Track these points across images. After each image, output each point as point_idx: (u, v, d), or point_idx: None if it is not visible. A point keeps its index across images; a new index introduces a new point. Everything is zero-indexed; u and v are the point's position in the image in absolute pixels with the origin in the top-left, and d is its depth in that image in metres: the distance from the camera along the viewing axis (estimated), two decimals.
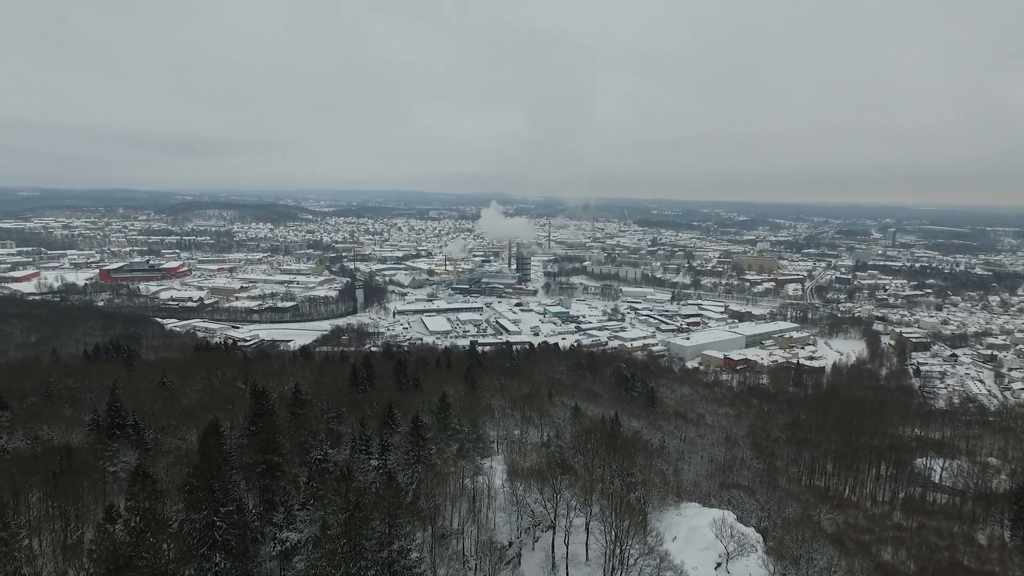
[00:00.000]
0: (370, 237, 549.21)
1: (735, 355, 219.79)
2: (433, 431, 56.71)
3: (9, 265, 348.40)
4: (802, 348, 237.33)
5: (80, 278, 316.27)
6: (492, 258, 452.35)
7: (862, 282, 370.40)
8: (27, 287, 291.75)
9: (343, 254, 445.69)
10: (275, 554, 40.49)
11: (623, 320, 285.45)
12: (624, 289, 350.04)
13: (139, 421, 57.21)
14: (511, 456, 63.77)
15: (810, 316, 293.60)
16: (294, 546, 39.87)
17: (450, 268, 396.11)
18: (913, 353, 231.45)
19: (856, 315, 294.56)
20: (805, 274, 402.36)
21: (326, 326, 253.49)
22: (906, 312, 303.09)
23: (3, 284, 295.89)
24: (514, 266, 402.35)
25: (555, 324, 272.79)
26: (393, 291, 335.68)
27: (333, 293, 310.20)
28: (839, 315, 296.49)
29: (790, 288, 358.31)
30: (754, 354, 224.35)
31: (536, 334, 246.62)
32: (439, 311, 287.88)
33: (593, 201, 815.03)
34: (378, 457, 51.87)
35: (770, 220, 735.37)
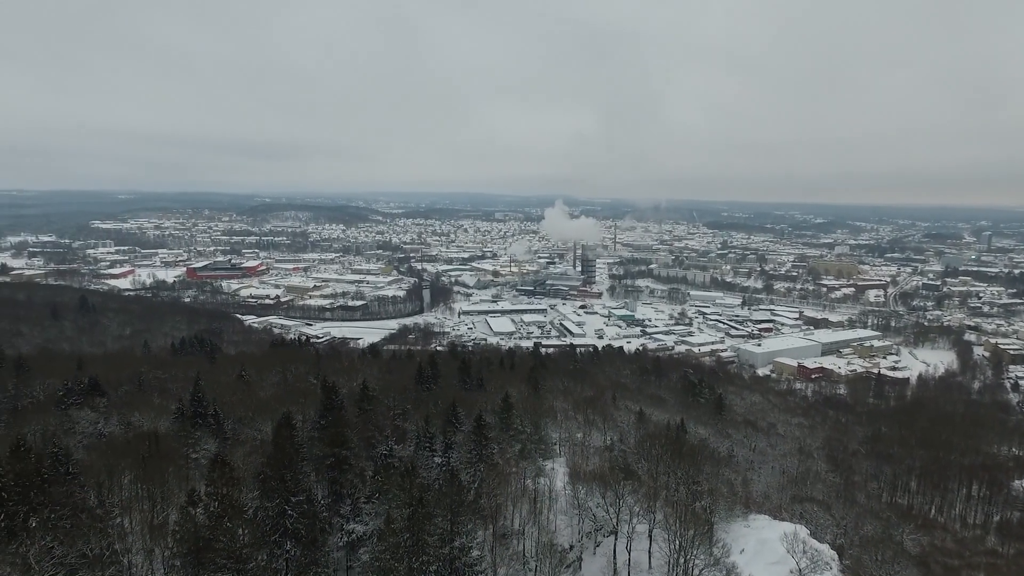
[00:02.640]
0: (437, 238, 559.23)
1: (810, 363, 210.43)
2: (496, 431, 57.04)
3: (108, 263, 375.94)
4: (884, 357, 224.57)
5: (169, 276, 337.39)
6: (557, 260, 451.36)
7: (952, 289, 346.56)
8: (123, 283, 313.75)
9: (411, 255, 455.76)
10: (342, 545, 41.70)
11: (690, 324, 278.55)
12: (692, 293, 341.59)
13: (219, 411, 60.39)
14: (573, 459, 63.34)
15: (893, 324, 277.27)
16: (360, 538, 40.94)
17: (515, 269, 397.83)
18: (1011, 366, 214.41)
19: (945, 324, 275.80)
20: (888, 280, 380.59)
21: (394, 325, 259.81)
22: (1003, 322, 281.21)
23: (103, 280, 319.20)
24: (579, 268, 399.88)
25: (620, 327, 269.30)
26: (458, 292, 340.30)
27: (401, 293, 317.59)
28: (926, 323, 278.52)
29: (871, 294, 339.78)
30: (831, 363, 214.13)
31: (600, 337, 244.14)
32: (503, 312, 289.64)
33: (663, 203, 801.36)
34: (441, 454, 52.64)
35: (850, 223, 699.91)
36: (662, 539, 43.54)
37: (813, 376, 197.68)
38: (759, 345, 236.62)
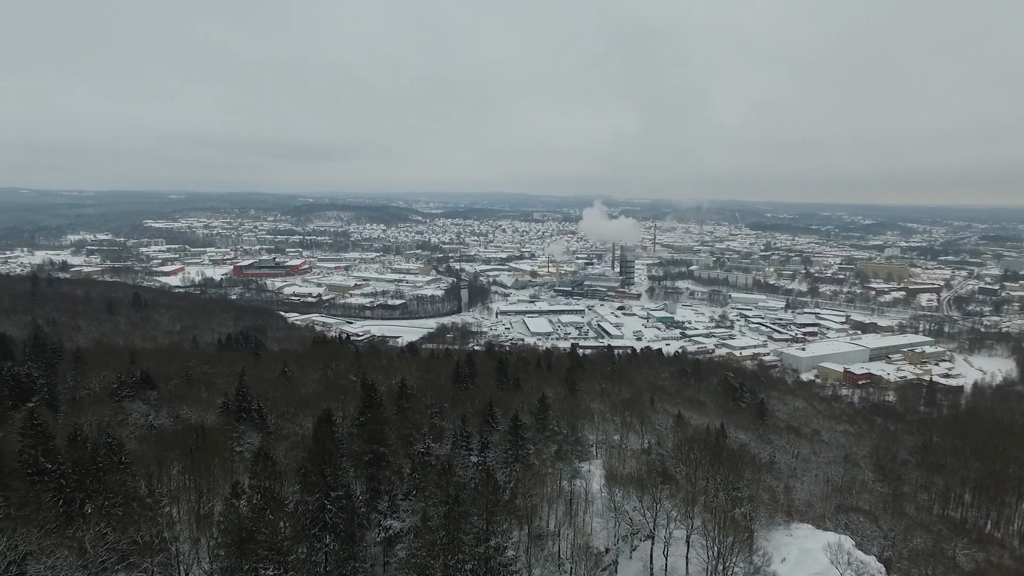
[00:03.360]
0: (475, 238, 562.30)
1: (857, 369, 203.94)
2: (532, 431, 57.00)
3: (160, 260, 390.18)
4: (936, 364, 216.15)
5: (217, 273, 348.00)
6: (595, 260, 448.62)
7: (1012, 293, 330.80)
8: (174, 281, 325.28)
9: (449, 255, 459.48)
10: (379, 540, 42.34)
11: (732, 327, 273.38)
12: (733, 295, 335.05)
13: (262, 406, 62.02)
14: (610, 461, 62.84)
15: (946, 330, 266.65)
16: (397, 534, 41.50)
17: (552, 270, 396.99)
18: None
19: (1003, 330, 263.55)
20: (941, 283, 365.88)
21: (432, 324, 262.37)
22: None
23: (155, 277, 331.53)
24: (617, 269, 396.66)
25: (659, 329, 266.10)
26: (496, 291, 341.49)
27: (439, 292, 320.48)
28: (982, 329, 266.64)
29: (923, 298, 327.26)
30: (879, 369, 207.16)
31: (639, 339, 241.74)
32: (541, 313, 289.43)
33: (705, 204, 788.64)
34: (478, 454, 52.90)
35: (900, 224, 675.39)
36: (700, 545, 42.82)
37: (860, 382, 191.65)
38: (803, 349, 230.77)
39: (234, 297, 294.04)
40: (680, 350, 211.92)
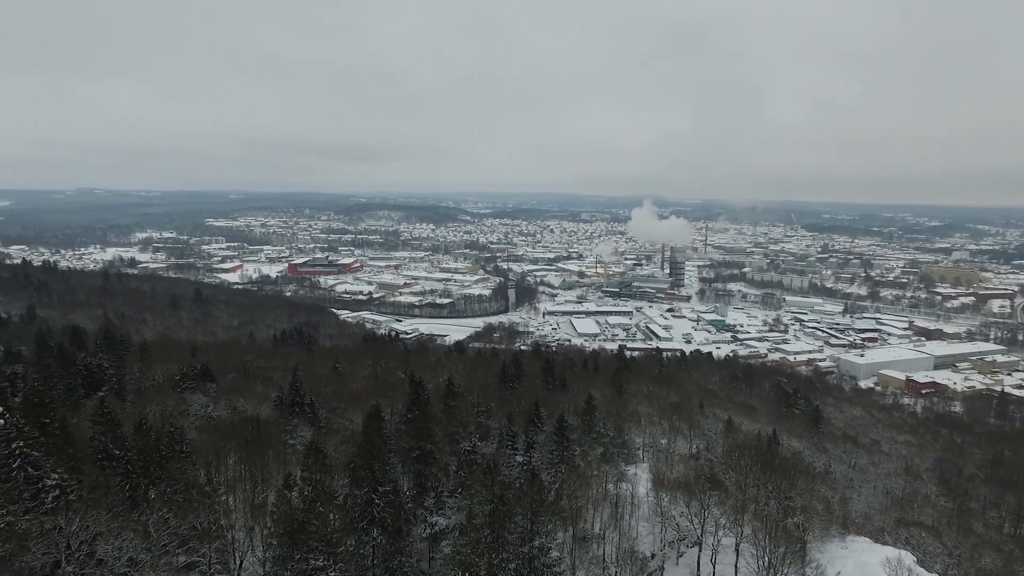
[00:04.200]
0: (523, 238, 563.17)
1: (920, 377, 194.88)
2: (578, 433, 56.73)
3: (220, 258, 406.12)
4: (1008, 374, 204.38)
5: (273, 271, 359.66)
6: (644, 261, 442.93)
7: None
8: (232, 277, 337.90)
9: (497, 254, 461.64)
10: (425, 536, 42.88)
11: (786, 331, 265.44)
12: (788, 298, 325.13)
13: (314, 401, 63.75)
14: (657, 465, 61.92)
15: (1021, 338, 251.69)
16: (442, 530, 41.94)
17: (600, 271, 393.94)
18: None
19: None
20: (1015, 289, 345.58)
21: (479, 323, 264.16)
22: None
23: (215, 274, 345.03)
24: (667, 270, 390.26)
25: (709, 332, 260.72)
26: (543, 292, 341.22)
27: (487, 292, 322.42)
28: None
29: (995, 304, 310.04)
30: (944, 377, 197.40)
31: (688, 342, 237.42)
32: (588, 313, 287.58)
33: (760, 205, 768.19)
34: (523, 453, 52.96)
35: (970, 226, 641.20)
36: (750, 554, 41.74)
37: (924, 391, 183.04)
38: (862, 355, 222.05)
39: (289, 294, 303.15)
40: (731, 354, 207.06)
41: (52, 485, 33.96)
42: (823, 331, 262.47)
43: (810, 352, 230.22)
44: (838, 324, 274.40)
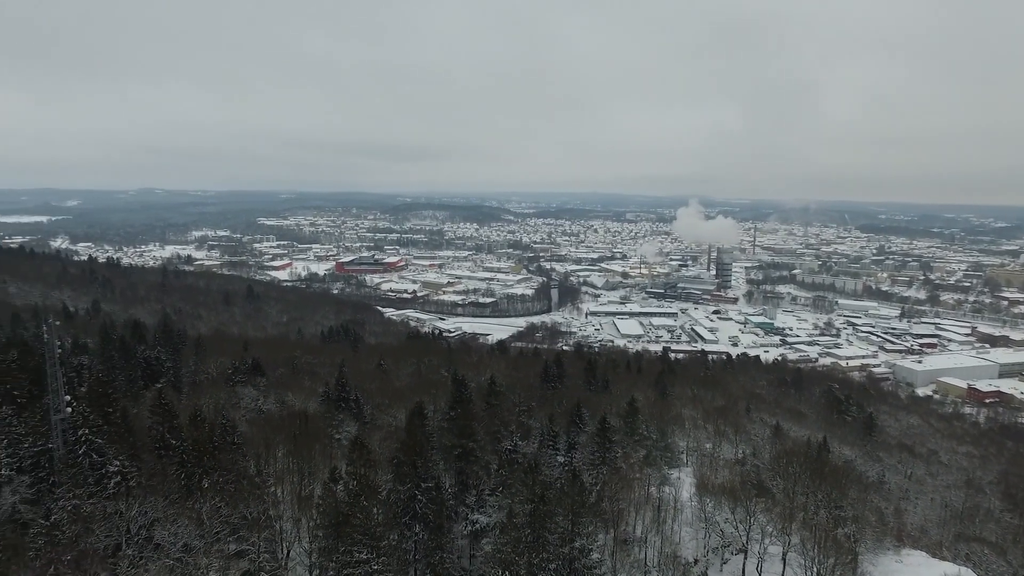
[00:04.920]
0: (566, 238, 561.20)
1: (983, 386, 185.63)
2: (620, 434, 56.23)
3: (270, 256, 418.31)
4: None
5: (321, 269, 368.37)
6: (690, 262, 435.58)
7: None
8: (282, 275, 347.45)
9: (540, 254, 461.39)
10: (466, 533, 43.22)
11: (838, 336, 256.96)
12: (840, 302, 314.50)
13: (360, 397, 65.04)
14: (701, 470, 60.85)
15: None
16: (483, 528, 42.20)
17: (644, 271, 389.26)
18: None
19: None
20: None
21: (521, 323, 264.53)
22: None
23: (266, 271, 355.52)
24: (713, 271, 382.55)
25: (756, 335, 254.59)
26: (586, 292, 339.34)
27: (529, 291, 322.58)
28: None
29: None
30: (1011, 387, 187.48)
31: (735, 344, 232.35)
32: (631, 314, 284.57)
33: (812, 205, 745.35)
34: (564, 454, 52.83)
35: None
36: (797, 564, 40.64)
37: (987, 400, 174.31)
38: (920, 362, 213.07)
39: (336, 292, 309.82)
40: (779, 358, 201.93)
41: (114, 472, 35.66)
42: (878, 336, 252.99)
43: (864, 357, 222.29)
44: (894, 329, 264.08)
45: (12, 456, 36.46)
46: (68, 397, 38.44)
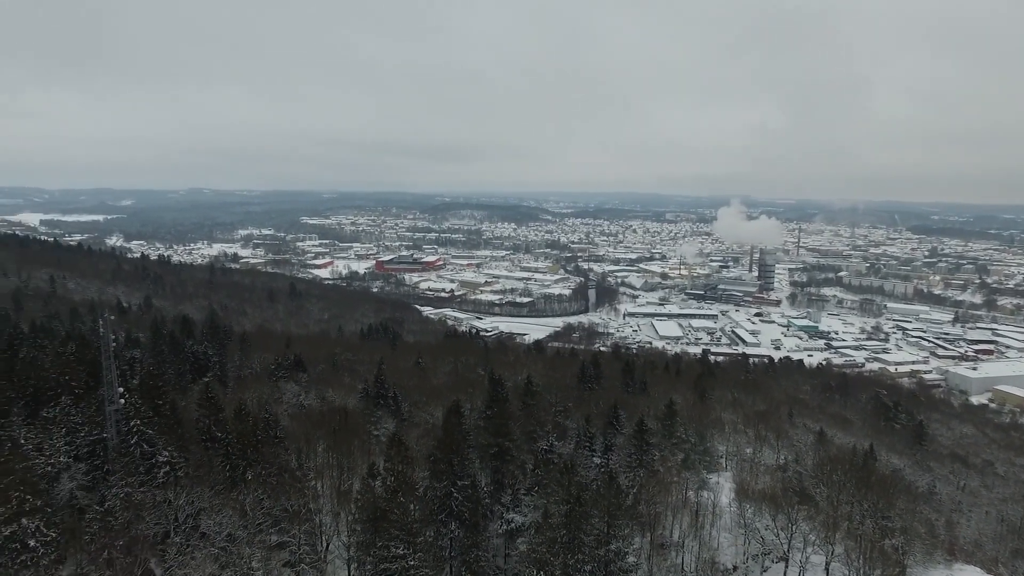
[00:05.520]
0: (604, 238, 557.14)
1: None
2: (658, 437, 55.61)
3: (312, 254, 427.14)
4: None
5: (361, 267, 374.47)
6: (731, 264, 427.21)
7: None
8: (324, 273, 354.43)
9: (578, 254, 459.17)
10: (501, 532, 43.35)
11: (886, 340, 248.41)
12: (889, 305, 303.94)
13: (398, 394, 65.90)
14: (741, 475, 59.73)
15: None
16: (518, 527, 42.26)
17: (684, 272, 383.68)
18: None
19: None
20: None
21: (558, 323, 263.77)
22: None
23: (308, 269, 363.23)
24: (755, 273, 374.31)
25: (800, 339, 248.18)
26: (624, 293, 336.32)
27: (567, 292, 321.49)
28: None
29: None
30: None
31: (777, 348, 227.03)
32: (670, 316, 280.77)
33: (861, 205, 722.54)
34: (601, 456, 52.50)
35: None
36: (841, 574, 39.48)
37: None
38: (975, 369, 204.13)
39: (375, 290, 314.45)
40: (824, 362, 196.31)
41: (163, 462, 36.96)
42: (929, 341, 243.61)
43: (914, 363, 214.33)
44: (947, 334, 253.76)
45: (70, 444, 38.17)
46: (121, 389, 40.01)
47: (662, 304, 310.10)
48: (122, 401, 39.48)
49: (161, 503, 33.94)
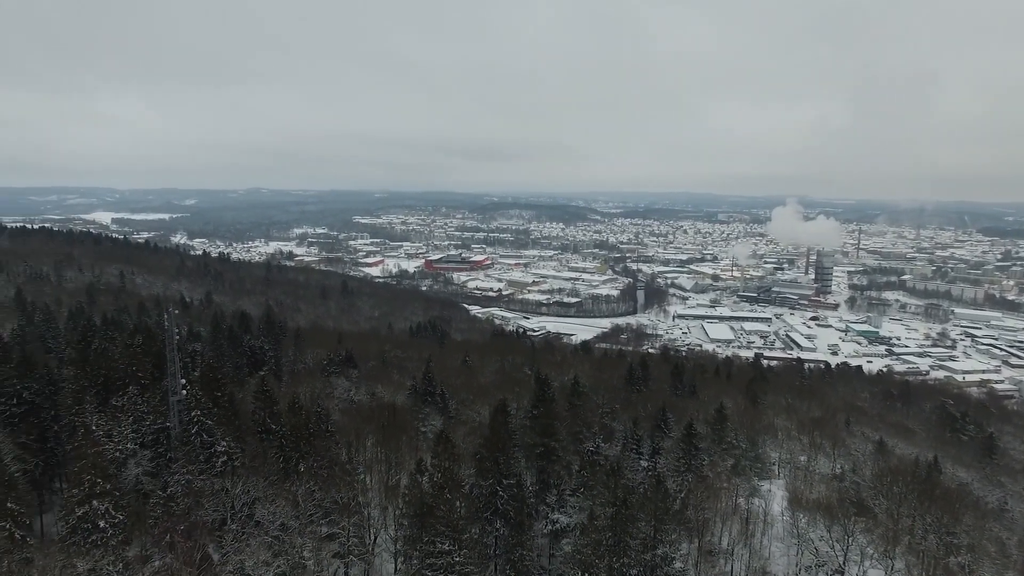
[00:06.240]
0: (654, 239, 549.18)
1: None
2: (707, 442, 54.48)
3: (364, 253, 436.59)
4: None
5: (411, 266, 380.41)
6: (785, 266, 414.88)
7: None
8: (374, 271, 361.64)
9: (627, 255, 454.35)
10: (546, 532, 43.27)
11: (953, 347, 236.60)
12: (957, 311, 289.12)
13: (445, 392, 66.62)
14: (794, 483, 57.91)
15: None
16: (563, 528, 42.09)
17: (737, 274, 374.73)
18: None
19: None
20: None
21: (606, 324, 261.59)
22: None
23: (359, 268, 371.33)
24: (811, 275, 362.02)
25: (859, 344, 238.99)
26: (674, 294, 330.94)
27: (615, 292, 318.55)
28: None
29: None
30: None
31: (834, 353, 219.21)
32: (722, 318, 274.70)
33: (928, 205, 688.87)
34: (648, 458, 51.80)
35: None
36: None
37: None
38: None
39: (424, 288, 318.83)
40: (884, 369, 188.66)
41: (221, 451, 38.39)
42: (1001, 349, 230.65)
43: (984, 372, 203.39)
44: (1021, 342, 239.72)
45: (136, 432, 40.14)
46: (183, 380, 41.82)
47: (713, 306, 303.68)
48: (184, 392, 41.26)
49: (219, 491, 35.30)
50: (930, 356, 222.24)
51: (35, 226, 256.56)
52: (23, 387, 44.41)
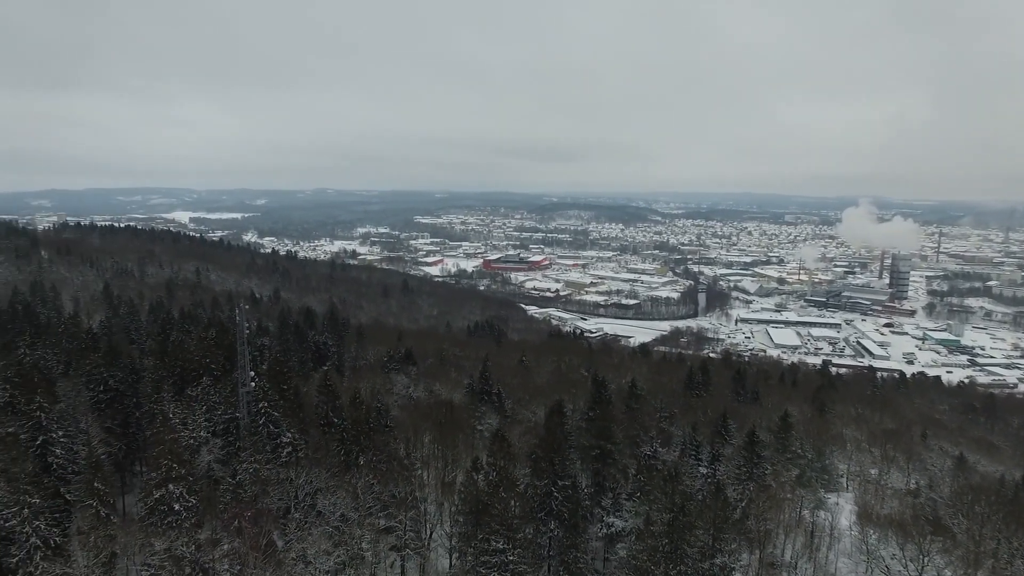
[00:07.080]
0: (717, 241, 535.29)
1: None
2: (770, 450, 52.60)
3: (424, 252, 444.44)
4: None
5: (469, 266, 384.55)
6: (857, 269, 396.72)
7: None
8: (434, 271, 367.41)
9: (688, 257, 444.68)
10: (601, 535, 42.88)
11: None
12: None
13: (501, 391, 66.99)
14: (863, 497, 55.26)
15: None
16: (618, 532, 41.60)
17: (804, 277, 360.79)
18: None
19: None
20: None
21: (665, 326, 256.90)
22: None
23: (419, 267, 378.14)
24: (886, 280, 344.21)
25: (937, 353, 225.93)
26: (737, 298, 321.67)
27: (675, 295, 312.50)
28: None
29: None
30: None
31: (910, 362, 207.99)
32: (787, 323, 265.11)
33: (1021, 206, 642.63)
34: (707, 465, 50.51)
35: None
36: None
37: None
38: None
39: (482, 288, 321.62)
40: (966, 380, 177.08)
41: (287, 442, 39.90)
42: None
43: None
44: None
45: (209, 420, 42.21)
46: (252, 373, 43.68)
47: (778, 311, 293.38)
48: (253, 384, 43.09)
49: (284, 480, 36.71)
50: (1019, 368, 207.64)
51: (121, 225, 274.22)
52: (109, 375, 47.49)
